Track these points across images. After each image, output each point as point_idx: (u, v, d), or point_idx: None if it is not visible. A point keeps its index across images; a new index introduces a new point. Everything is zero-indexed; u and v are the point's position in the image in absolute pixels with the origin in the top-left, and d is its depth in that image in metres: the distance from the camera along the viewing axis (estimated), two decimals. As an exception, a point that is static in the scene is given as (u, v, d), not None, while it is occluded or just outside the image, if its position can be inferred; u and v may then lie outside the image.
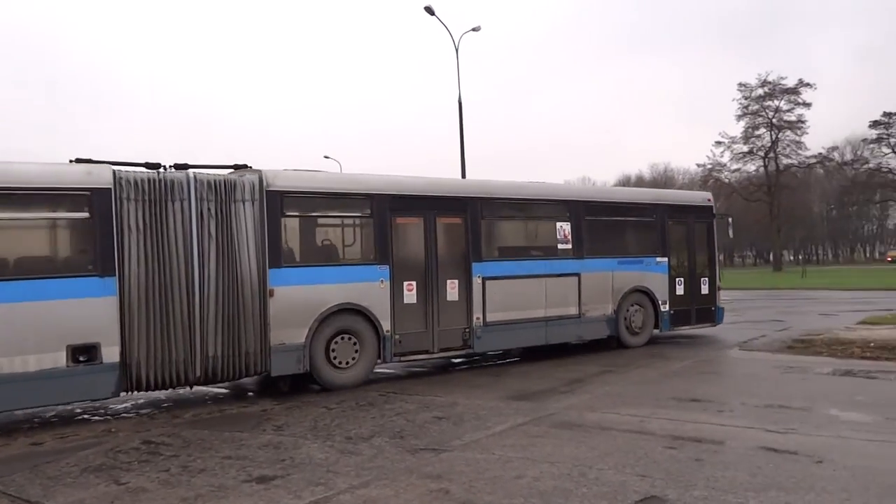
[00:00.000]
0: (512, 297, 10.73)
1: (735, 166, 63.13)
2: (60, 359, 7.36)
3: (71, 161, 7.97)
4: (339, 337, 9.19)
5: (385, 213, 9.62)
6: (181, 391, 9.03)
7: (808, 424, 6.46)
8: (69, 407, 8.38)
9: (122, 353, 7.70)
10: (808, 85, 59.51)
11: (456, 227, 10.41)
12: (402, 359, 9.90)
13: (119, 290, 7.68)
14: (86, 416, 8.11)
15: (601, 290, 11.82)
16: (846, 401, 7.50)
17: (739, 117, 62.34)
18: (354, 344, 9.30)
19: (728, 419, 6.76)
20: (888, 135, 61.25)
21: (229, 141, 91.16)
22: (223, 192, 8.38)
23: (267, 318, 8.57)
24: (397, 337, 9.64)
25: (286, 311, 8.71)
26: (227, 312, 8.29)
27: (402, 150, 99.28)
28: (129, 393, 8.04)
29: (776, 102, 60.68)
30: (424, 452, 5.90)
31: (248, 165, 9.10)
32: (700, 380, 9.19)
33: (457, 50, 26.28)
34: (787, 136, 61.38)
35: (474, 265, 10.37)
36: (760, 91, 60.51)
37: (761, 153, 61.94)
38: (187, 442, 6.58)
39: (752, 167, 63.18)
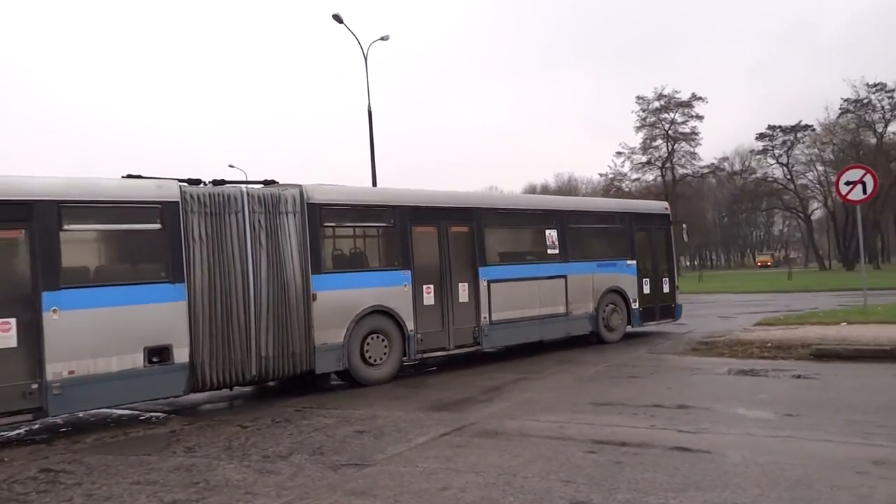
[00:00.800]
0: (512, 298, 11.90)
1: (635, 176, 65.72)
2: (138, 360, 8.07)
3: (123, 177, 8.67)
4: (371, 336, 10.10)
5: (406, 222, 10.66)
6: (80, 414, 8.54)
7: (718, 424, 6.73)
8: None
9: (191, 354, 8.41)
10: (700, 99, 62.75)
11: (464, 235, 11.50)
12: (424, 356, 10.96)
13: (188, 295, 8.41)
14: (-27, 446, 7.49)
15: (584, 290, 13.17)
16: (750, 399, 7.85)
17: (638, 129, 64.97)
18: (384, 343, 10.24)
19: (643, 421, 6.94)
20: (773, 146, 65.26)
21: (128, 150, 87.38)
22: (270, 204, 9.25)
23: (311, 320, 9.44)
24: (419, 336, 10.65)
25: (327, 313, 9.61)
26: (277, 316, 9.12)
27: (311, 159, 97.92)
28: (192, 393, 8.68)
29: (672, 115, 63.59)
30: (346, 468, 5.76)
31: (276, 181, 9.99)
32: (613, 384, 9.41)
33: (366, 59, 26.16)
34: (683, 147, 64.42)
35: (481, 269, 11.50)
36: (657, 104, 63.26)
37: (659, 163, 64.70)
38: (90, 468, 6.17)
39: (650, 177, 65.92)
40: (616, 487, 4.92)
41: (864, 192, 14.39)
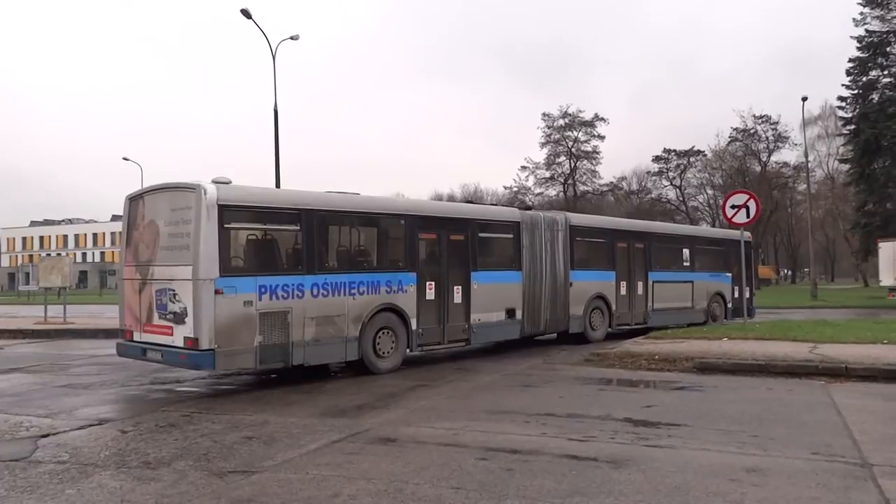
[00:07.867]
0: (664, 294, 17.38)
1: (538, 190, 67.56)
2: (502, 315, 13.29)
3: (464, 200, 14.02)
4: (593, 311, 15.57)
5: (614, 240, 16.37)
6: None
7: (605, 432, 6.92)
8: None
9: (522, 314, 13.71)
10: (602, 119, 65.38)
11: (641, 249, 17.01)
12: (618, 328, 16.09)
13: (522, 279, 13.69)
14: None
15: (702, 292, 18.71)
16: (636, 409, 8.11)
17: (543, 145, 66.84)
18: (601, 316, 15.75)
19: (534, 429, 7.06)
20: (667, 168, 68.55)
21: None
22: (552, 225, 14.78)
23: (568, 299, 14.89)
24: (618, 314, 16.14)
25: (575, 295, 15.04)
26: (553, 295, 14.54)
27: (213, 156, 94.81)
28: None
29: (575, 133, 65.78)
30: (233, 475, 5.56)
31: (532, 206, 14.57)
32: (508, 392, 9.55)
33: (274, 57, 25.69)
34: (584, 164, 66.76)
35: (650, 273, 17.05)
36: (561, 122, 65.32)
37: (561, 179, 66.75)
38: (-53, 475, 5.68)
39: (553, 192, 67.91)
40: (505, 494, 4.97)
41: (748, 215, 15.29)
